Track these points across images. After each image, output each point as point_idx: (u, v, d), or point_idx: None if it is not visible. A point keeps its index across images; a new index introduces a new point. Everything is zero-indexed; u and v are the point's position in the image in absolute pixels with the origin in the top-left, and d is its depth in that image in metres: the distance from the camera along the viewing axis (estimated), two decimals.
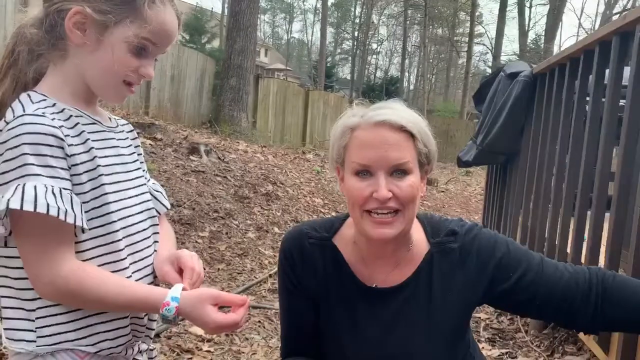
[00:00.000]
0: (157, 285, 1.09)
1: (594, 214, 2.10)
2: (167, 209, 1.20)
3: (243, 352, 2.50)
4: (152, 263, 1.09)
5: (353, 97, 24.76)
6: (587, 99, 2.45)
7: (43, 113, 0.92)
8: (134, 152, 1.12)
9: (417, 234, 1.14)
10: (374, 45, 48.90)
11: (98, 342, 0.98)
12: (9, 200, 0.85)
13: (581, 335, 2.17)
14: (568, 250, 2.41)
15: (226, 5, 27.12)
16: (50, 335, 0.95)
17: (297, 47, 61.51)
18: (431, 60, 42.98)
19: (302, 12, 60.23)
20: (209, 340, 2.57)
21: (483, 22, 41.44)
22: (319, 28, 32.28)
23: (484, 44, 39.56)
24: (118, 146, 1.06)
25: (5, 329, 0.96)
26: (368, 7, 39.07)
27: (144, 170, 1.16)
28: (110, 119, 1.11)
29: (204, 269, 3.60)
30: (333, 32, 49.93)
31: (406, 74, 44.07)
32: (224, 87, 9.70)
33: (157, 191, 1.19)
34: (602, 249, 2.04)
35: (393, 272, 1.13)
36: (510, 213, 3.61)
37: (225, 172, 5.61)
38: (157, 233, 1.13)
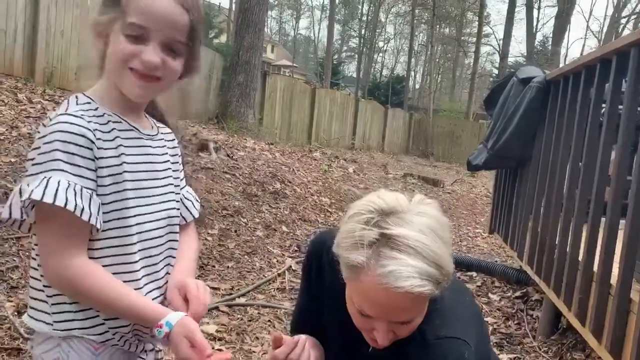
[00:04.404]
0: (164, 296, 1.13)
1: (608, 222, 2.10)
2: (194, 217, 1.24)
3: (254, 352, 2.52)
4: (164, 272, 1.13)
5: (359, 96, 24.69)
6: (603, 106, 2.46)
7: (82, 115, 0.98)
8: (168, 161, 1.15)
9: None
10: (381, 44, 48.82)
11: (103, 333, 1.04)
12: (32, 191, 0.92)
13: (592, 343, 2.18)
14: (579, 258, 2.41)
15: (234, 1, 27.10)
16: (62, 322, 1.02)
17: (303, 44, 61.42)
18: (437, 60, 42.87)
19: (310, 8, 60.18)
20: (220, 339, 2.59)
21: (490, 22, 41.36)
22: (326, 25, 32.24)
23: (491, 45, 39.45)
24: (151, 154, 1.10)
25: (30, 307, 1.05)
26: (375, 5, 38.98)
27: (178, 179, 1.19)
28: (153, 127, 1.14)
29: (214, 266, 3.62)
30: (340, 30, 49.87)
31: (412, 72, 44.00)
32: (231, 83, 9.71)
33: (187, 199, 1.23)
34: (616, 258, 2.04)
35: None
36: (519, 218, 3.62)
37: (234, 169, 5.63)
38: (175, 240, 1.16)
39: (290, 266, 3.92)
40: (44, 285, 1.02)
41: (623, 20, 31.00)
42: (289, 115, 12.81)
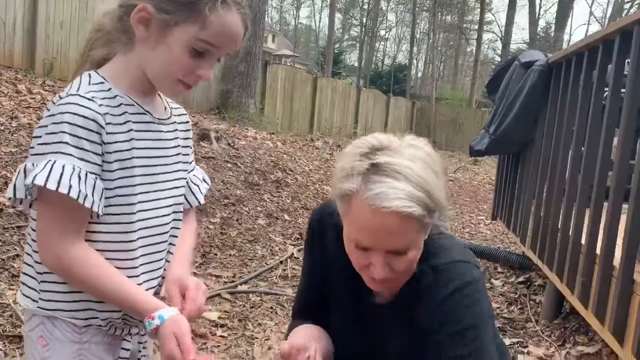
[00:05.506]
0: (160, 286, 1.12)
1: (610, 205, 2.09)
2: (199, 203, 1.22)
3: (256, 338, 2.52)
4: (165, 260, 1.11)
5: (361, 85, 24.61)
6: (605, 89, 2.43)
7: (93, 97, 0.96)
8: (179, 145, 1.14)
9: None
10: (382, 32, 48.56)
11: (88, 318, 1.02)
12: (36, 175, 0.90)
13: (595, 325, 2.18)
14: (582, 241, 2.40)
15: None
16: (48, 301, 1.01)
17: (304, 33, 61.16)
18: (440, 48, 42.64)
19: None
20: (222, 326, 2.59)
21: (493, 9, 41.06)
22: (327, 14, 32.06)
23: (493, 32, 39.23)
24: (162, 139, 1.08)
25: (21, 282, 1.05)
26: None
27: (187, 163, 1.18)
28: (166, 108, 1.13)
29: (216, 254, 3.62)
30: (341, 19, 49.60)
31: (414, 61, 43.79)
32: (232, 73, 9.67)
33: (194, 184, 1.21)
34: (619, 241, 2.03)
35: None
36: (522, 203, 3.60)
37: (235, 158, 5.62)
38: (178, 228, 1.15)
39: (293, 254, 3.92)
40: (35, 261, 1.01)
41: (627, 6, 30.72)
42: (291, 105, 12.77)
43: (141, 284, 1.05)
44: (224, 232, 3.99)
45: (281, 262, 3.73)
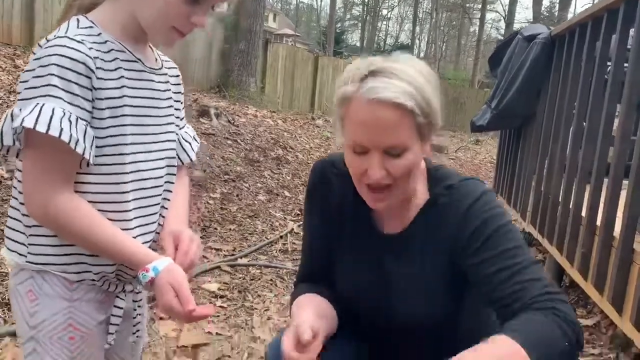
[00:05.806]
0: (155, 241, 1.08)
1: (611, 179, 2.07)
2: (191, 160, 1.18)
3: (256, 309, 2.53)
4: (158, 215, 1.08)
5: None
6: (608, 64, 2.40)
7: (82, 40, 0.91)
8: (171, 98, 1.10)
9: (421, 184, 1.13)
10: (385, 11, 48.04)
11: (81, 272, 0.99)
12: (24, 118, 0.85)
13: (594, 296, 2.18)
14: (583, 214, 2.39)
15: None
16: (37, 255, 0.97)
17: (306, 13, 60.52)
18: (442, 27, 42.21)
19: None
20: (222, 297, 2.60)
21: None
22: None
23: (496, 11, 38.80)
24: (154, 89, 1.04)
25: (6, 237, 1.01)
26: None
27: (178, 118, 1.15)
28: (157, 59, 1.09)
29: (216, 229, 3.60)
30: None
31: (417, 41, 43.39)
32: (233, 51, 9.58)
33: (186, 141, 1.17)
34: (619, 214, 2.02)
35: (395, 218, 1.13)
36: (523, 179, 3.59)
37: (236, 135, 5.59)
38: (172, 183, 1.11)
39: (293, 229, 3.92)
40: (22, 214, 0.97)
41: None
42: (292, 84, 12.68)
43: (135, 237, 1.01)
44: (224, 207, 3.99)
45: (281, 237, 3.73)
